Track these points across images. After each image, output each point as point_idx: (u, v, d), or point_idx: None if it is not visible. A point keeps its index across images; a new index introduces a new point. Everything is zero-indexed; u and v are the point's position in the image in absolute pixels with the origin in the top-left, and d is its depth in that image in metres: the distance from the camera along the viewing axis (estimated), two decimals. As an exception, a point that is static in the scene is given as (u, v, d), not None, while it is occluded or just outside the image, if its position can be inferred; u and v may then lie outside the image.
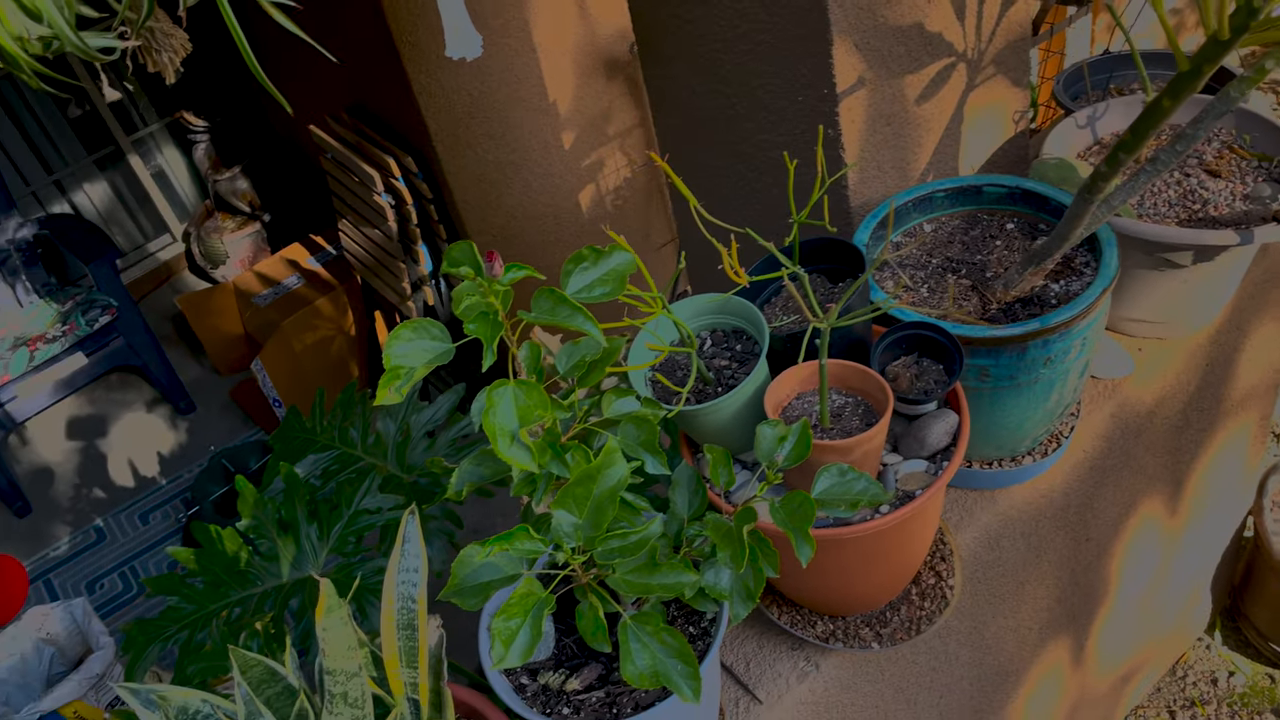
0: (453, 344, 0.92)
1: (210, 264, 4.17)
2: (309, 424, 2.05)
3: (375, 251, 3.05)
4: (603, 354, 0.95)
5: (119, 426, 3.80)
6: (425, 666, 1.02)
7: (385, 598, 1.00)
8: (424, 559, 1.04)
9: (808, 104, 1.47)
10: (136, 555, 3.30)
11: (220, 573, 1.75)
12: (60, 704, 2.24)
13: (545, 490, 0.98)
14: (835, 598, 1.28)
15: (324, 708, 0.90)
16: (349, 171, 2.93)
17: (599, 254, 0.94)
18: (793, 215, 1.15)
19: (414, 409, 1.99)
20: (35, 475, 3.68)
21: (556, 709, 1.10)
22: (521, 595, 0.87)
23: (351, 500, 1.84)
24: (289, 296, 3.48)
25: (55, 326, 3.47)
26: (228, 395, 3.80)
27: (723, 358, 1.22)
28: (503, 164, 2.82)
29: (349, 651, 0.89)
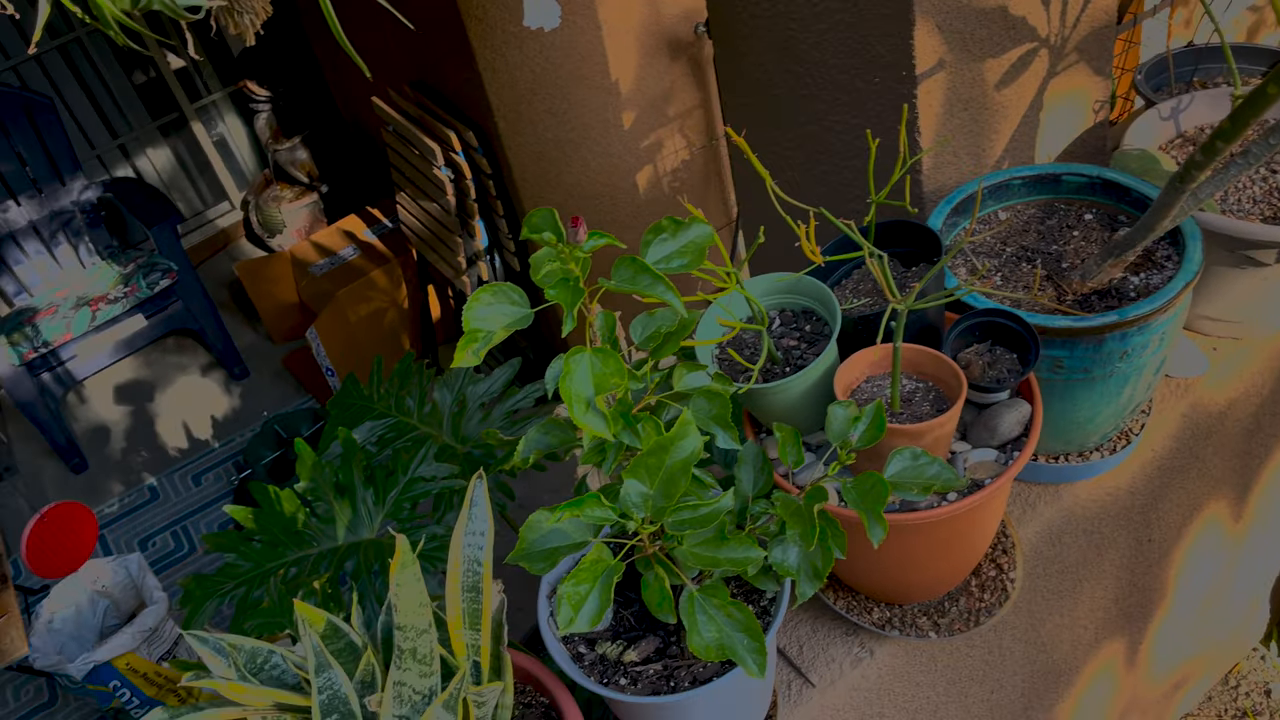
0: (531, 309, 0.92)
1: (267, 233, 4.22)
2: (366, 391, 2.07)
3: (432, 225, 3.07)
4: (679, 326, 0.95)
5: (174, 389, 3.87)
6: (488, 629, 1.02)
7: (451, 560, 1.01)
8: (490, 523, 1.04)
9: (884, 85, 1.45)
10: (188, 515, 3.37)
11: (278, 532, 1.77)
12: (113, 655, 2.29)
13: (615, 460, 0.98)
14: (894, 585, 1.27)
15: (392, 663, 0.91)
16: (409, 144, 2.95)
17: (678, 225, 0.93)
18: (871, 196, 1.13)
19: (470, 381, 2.00)
20: (92, 433, 3.76)
21: (614, 679, 1.10)
22: (592, 561, 0.87)
23: (408, 467, 1.86)
24: (345, 267, 3.51)
25: (117, 288, 3.54)
26: (281, 363, 3.85)
27: (791, 338, 1.21)
28: (562, 142, 2.82)
29: (420, 608, 0.89)
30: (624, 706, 1.11)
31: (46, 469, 3.67)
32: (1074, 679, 1.73)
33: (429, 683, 0.92)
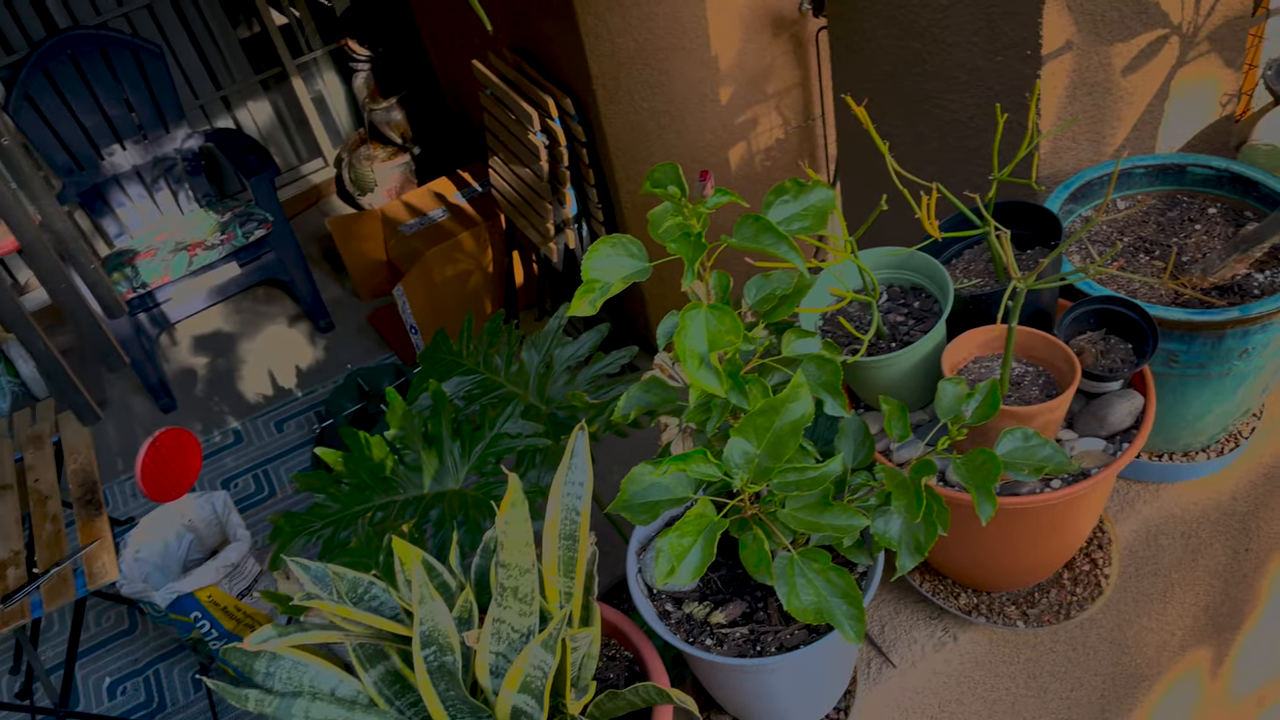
0: (649, 263, 0.93)
1: (358, 190, 4.30)
2: (456, 347, 2.10)
3: (523, 190, 3.09)
4: (794, 289, 0.94)
5: (261, 337, 3.97)
6: (581, 578, 1.04)
7: (550, 508, 1.02)
8: (590, 474, 1.05)
9: (1006, 64, 1.42)
10: (269, 460, 3.46)
11: (366, 476, 1.81)
12: (197, 586, 2.38)
13: (719, 419, 0.98)
14: (985, 571, 1.25)
15: (493, 600, 0.92)
16: (506, 109, 2.97)
17: (801, 187, 0.93)
18: (994, 173, 1.11)
19: (558, 343, 2.02)
20: (182, 375, 3.89)
21: (699, 639, 1.11)
22: (696, 515, 0.88)
23: (494, 423, 1.88)
24: (434, 228, 3.56)
25: (214, 235, 3.64)
26: (365, 318, 3.93)
27: (898, 313, 1.19)
28: (658, 113, 2.81)
29: (525, 548, 0.91)
30: (708, 666, 1.11)
31: (136, 406, 3.80)
32: (1154, 685, 1.69)
33: (528, 622, 0.93)
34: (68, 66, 3.52)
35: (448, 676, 0.95)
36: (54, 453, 2.51)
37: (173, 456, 2.15)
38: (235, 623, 2.47)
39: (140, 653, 2.94)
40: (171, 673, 2.87)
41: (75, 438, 2.49)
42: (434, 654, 0.94)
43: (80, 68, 3.54)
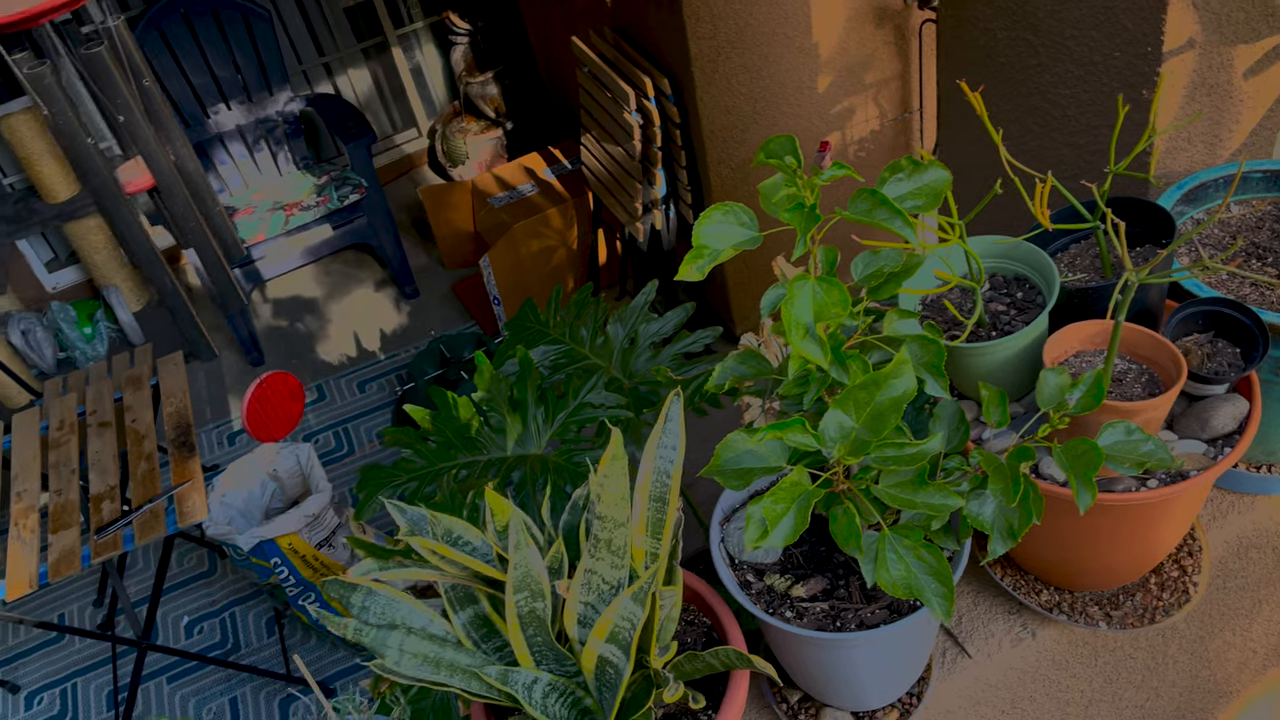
0: (759, 233, 0.94)
1: (450, 162, 4.37)
2: (543, 317, 2.13)
3: (614, 169, 3.12)
4: (903, 267, 0.95)
5: (348, 300, 4.07)
6: (667, 540, 1.06)
7: (642, 470, 1.04)
8: (683, 440, 1.07)
9: (1124, 60, 1.39)
10: (350, 419, 3.56)
11: (451, 435, 1.86)
12: (279, 533, 2.46)
13: (817, 393, 0.99)
14: (1071, 568, 1.24)
15: (585, 551, 0.95)
16: (603, 87, 3.00)
17: (916, 166, 0.93)
18: (1110, 166, 1.10)
19: (644, 319, 2.04)
20: (270, 331, 4.01)
21: (779, 611, 1.12)
22: (791, 483, 0.89)
23: (578, 392, 1.91)
24: (522, 202, 3.61)
25: (310, 197, 3.74)
26: (449, 288, 4.00)
27: (1000, 302, 1.19)
28: (754, 98, 2.81)
29: (622, 502, 0.93)
30: (784, 638, 1.13)
31: (226, 359, 3.93)
32: (1232, 703, 1.66)
33: (619, 575, 0.96)
34: (180, 26, 3.64)
35: (537, 622, 0.98)
36: (151, 395, 2.62)
37: (277, 398, 2.23)
38: (312, 571, 2.55)
39: (217, 595, 3.05)
40: (246, 616, 2.97)
41: (172, 382, 2.59)
42: (525, 599, 0.97)
43: (192, 27, 3.66)
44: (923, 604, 1.07)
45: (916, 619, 1.06)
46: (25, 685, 2.93)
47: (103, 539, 2.22)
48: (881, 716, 1.23)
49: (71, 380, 2.81)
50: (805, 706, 1.26)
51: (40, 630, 3.05)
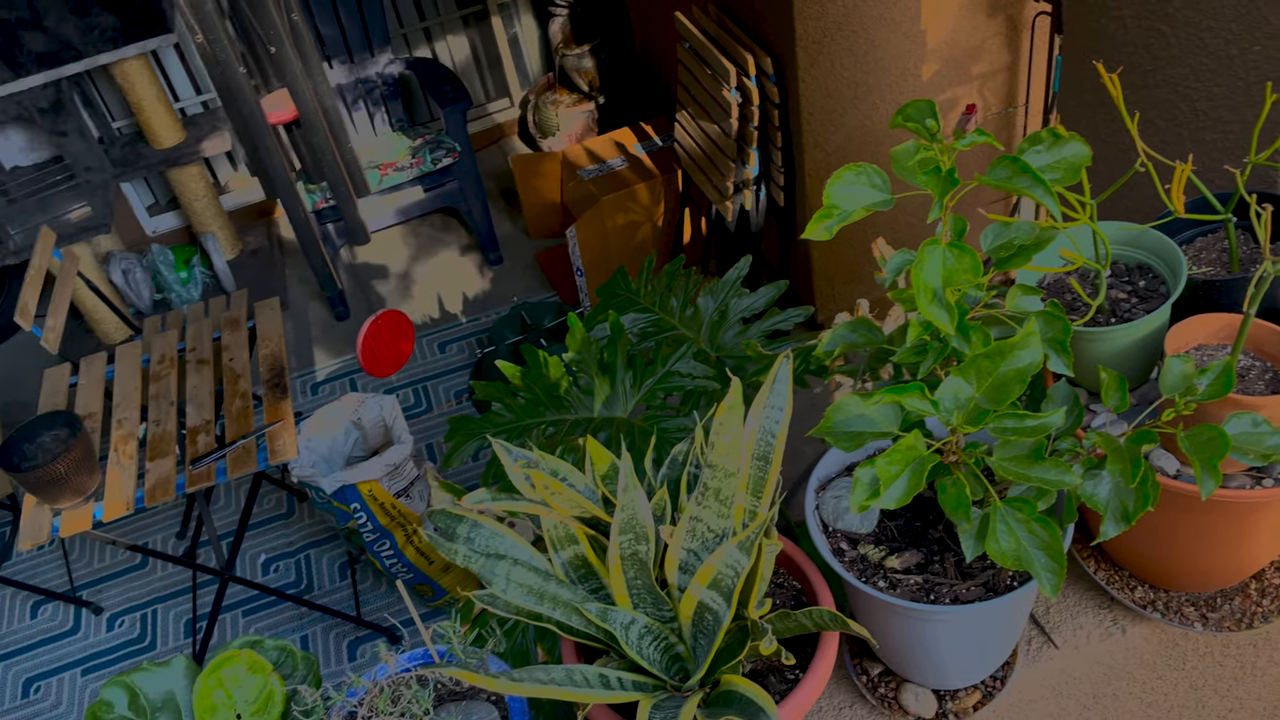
0: (892, 196, 0.94)
1: (540, 133, 4.41)
2: (634, 285, 2.15)
3: (707, 146, 3.12)
4: (1033, 240, 0.94)
5: (434, 262, 4.14)
6: (767, 499, 1.06)
7: (748, 427, 1.05)
8: (790, 402, 1.08)
9: (1265, 54, 1.36)
10: (429, 378, 3.62)
11: (540, 393, 1.89)
12: (361, 479, 2.52)
13: (934, 362, 0.99)
14: (1168, 565, 1.22)
15: (693, 498, 0.97)
16: (703, 63, 3.00)
17: (1056, 139, 0.92)
18: (1250, 157, 1.07)
19: (735, 293, 2.05)
20: (356, 286, 4.09)
21: (872, 580, 1.12)
22: (907, 447, 0.89)
23: (666, 360, 1.93)
24: (611, 175, 3.63)
25: (405, 158, 3.81)
26: (533, 257, 4.04)
27: (1121, 290, 1.17)
28: (856, 82, 2.79)
29: (734, 451, 0.94)
30: (875, 608, 1.13)
31: (313, 311, 4.03)
32: (1319, 726, 1.61)
33: (724, 524, 0.97)
34: (294, -17, 3.73)
35: (639, 565, 1.00)
36: (248, 337, 2.70)
37: (390, 336, 2.28)
38: (389, 519, 2.61)
39: (294, 537, 3.14)
40: (321, 559, 3.06)
41: (269, 325, 2.67)
42: (629, 541, 0.99)
43: (305, -15, 3.74)
44: (1020, 584, 1.07)
45: (1013, 598, 1.06)
46: (108, 607, 3.06)
47: (197, 470, 2.30)
48: (963, 696, 1.23)
49: (169, 319, 2.91)
50: (885, 680, 1.27)
51: (125, 556, 3.18)
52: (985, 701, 1.23)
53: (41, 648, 2.98)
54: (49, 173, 3.86)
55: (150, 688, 1.31)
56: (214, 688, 1.30)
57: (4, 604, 3.13)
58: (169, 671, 1.33)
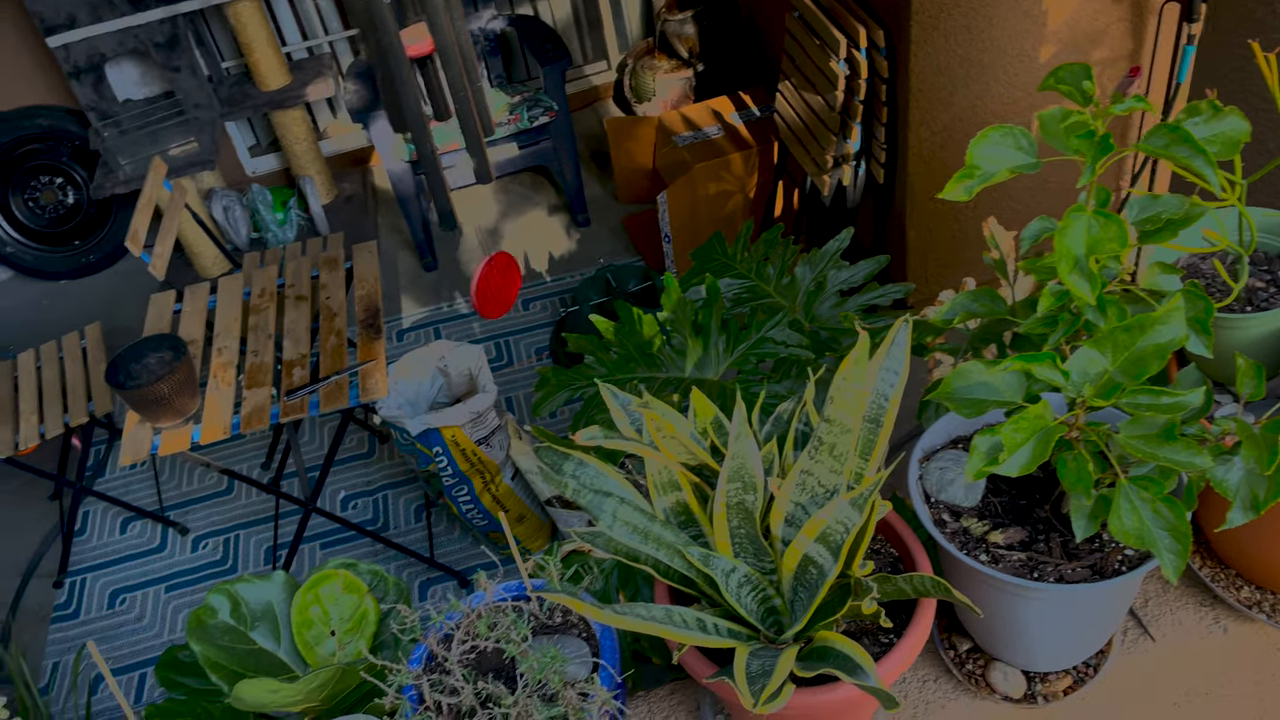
0: (1038, 160, 0.92)
1: (636, 98, 4.40)
2: (731, 251, 2.14)
3: (808, 118, 3.08)
4: (1183, 214, 0.91)
5: (523, 220, 4.17)
6: (875, 461, 1.06)
7: (862, 390, 1.04)
8: (906, 366, 1.07)
9: None
10: (511, 333, 3.67)
11: (633, 349, 1.90)
12: (445, 423, 2.56)
13: (1065, 334, 0.97)
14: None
15: (805, 452, 0.96)
16: (812, 33, 2.95)
17: (1216, 111, 0.89)
18: None
19: (834, 265, 2.03)
20: (446, 239, 4.15)
21: (973, 553, 1.11)
22: (1034, 415, 0.88)
23: (761, 326, 1.92)
24: (706, 143, 3.61)
25: (503, 114, 3.83)
26: (620, 220, 4.05)
27: (1260, 278, 1.13)
28: (969, 61, 2.72)
29: (854, 406, 0.94)
30: (974, 581, 1.12)
31: (402, 260, 4.10)
32: None
33: (836, 480, 0.97)
34: (406, -67, 3.76)
35: (744, 513, 1.00)
36: (344, 277, 2.75)
37: (500, 278, 2.32)
38: (469, 465, 2.66)
39: (373, 476, 3.22)
40: (398, 500, 3.13)
41: (365, 267, 2.72)
42: (736, 490, 0.99)
43: (417, -64, 3.78)
44: (1129, 569, 1.05)
45: (1120, 582, 1.04)
46: (193, 529, 3.17)
47: (291, 401, 2.36)
48: (1054, 680, 1.21)
49: (268, 257, 2.98)
50: (974, 656, 1.25)
51: (212, 482, 3.29)
52: (1075, 688, 1.21)
53: (129, 562, 3.11)
54: (159, 107, 3.97)
55: (251, 597, 1.36)
56: (311, 603, 1.34)
57: (96, 519, 3.26)
58: (269, 584, 1.38)
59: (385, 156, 3.75)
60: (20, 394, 2.98)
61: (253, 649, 1.34)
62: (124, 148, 3.84)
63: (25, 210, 4.28)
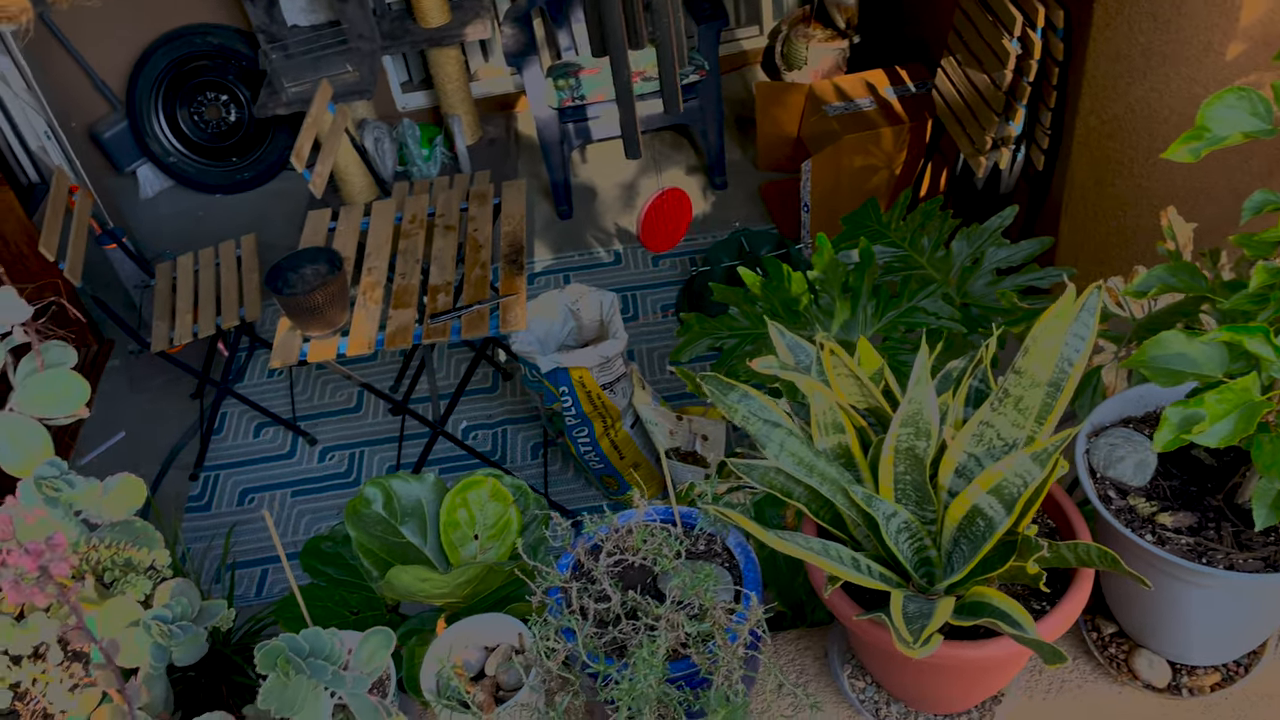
0: (1274, 128, 0.88)
1: (786, 66, 4.35)
2: (885, 219, 2.11)
3: (970, 97, 3.00)
4: None
5: (660, 178, 4.19)
6: (1049, 427, 1.04)
7: (1049, 354, 1.02)
8: (1093, 334, 1.04)
9: None
10: (639, 288, 3.70)
11: (778, 305, 1.89)
12: (575, 364, 2.61)
13: (1276, 312, 0.93)
14: None
15: (987, 403, 0.95)
16: (985, 9, 2.87)
17: None
18: None
19: (993, 242, 1.99)
20: (582, 189, 4.20)
21: (1139, 532, 1.08)
22: (1241, 388, 0.85)
23: (913, 296, 1.90)
24: (858, 115, 3.55)
25: (653, 69, 3.84)
26: (758, 187, 4.03)
27: None
28: (1150, 51, 2.61)
29: (1047, 363, 0.92)
30: (1138, 558, 1.09)
31: (538, 207, 4.16)
32: None
33: (1017, 434, 0.96)
34: (578, -119, 3.79)
35: (912, 459, 1.00)
36: (491, 213, 2.82)
37: (671, 212, 2.35)
38: (592, 408, 2.70)
39: (494, 410, 3.30)
40: (516, 436, 3.21)
41: (513, 204, 2.78)
42: (908, 435, 0.99)
43: (588, -115, 3.80)
44: (1308, 567, 1.01)
45: (1296, 579, 1.00)
46: (321, 441, 3.31)
47: (434, 325, 2.44)
48: (1201, 674, 1.18)
49: (417, 187, 3.07)
50: (1118, 641, 1.23)
51: (342, 398, 3.43)
52: (1223, 685, 1.18)
53: (259, 464, 3.27)
54: (325, 35, 4.11)
55: (404, 493, 1.42)
56: (459, 506, 1.39)
57: (233, 421, 3.44)
58: (421, 484, 1.44)
59: (534, 102, 3.80)
60: (178, 294, 3.16)
61: (401, 541, 1.40)
62: (288, 71, 3.99)
63: (190, 124, 4.50)
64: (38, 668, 1.17)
